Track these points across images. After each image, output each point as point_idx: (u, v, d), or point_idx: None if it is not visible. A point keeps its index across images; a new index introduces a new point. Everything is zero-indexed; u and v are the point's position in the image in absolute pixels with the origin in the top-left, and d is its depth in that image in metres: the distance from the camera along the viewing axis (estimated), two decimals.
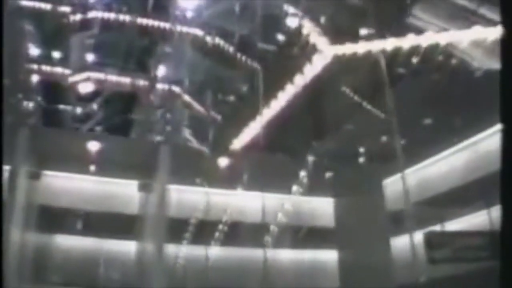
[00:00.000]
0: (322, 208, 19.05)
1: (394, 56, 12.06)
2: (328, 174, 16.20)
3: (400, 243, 15.20)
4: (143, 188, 17.11)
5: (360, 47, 12.36)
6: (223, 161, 16.54)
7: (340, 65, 12.88)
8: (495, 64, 10.51)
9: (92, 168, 16.28)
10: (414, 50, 11.77)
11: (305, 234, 17.64)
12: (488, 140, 13.15)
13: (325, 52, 12.96)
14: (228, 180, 16.76)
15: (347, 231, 15.40)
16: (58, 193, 16.47)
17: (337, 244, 16.71)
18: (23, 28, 16.10)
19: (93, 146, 15.64)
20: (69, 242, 16.55)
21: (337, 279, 18.25)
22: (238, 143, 16.80)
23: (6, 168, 13.56)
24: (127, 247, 16.88)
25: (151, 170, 16.00)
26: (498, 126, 2.93)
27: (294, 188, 16.85)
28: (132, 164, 15.78)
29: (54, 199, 16.34)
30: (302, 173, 15.94)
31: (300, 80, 13.98)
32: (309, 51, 13.43)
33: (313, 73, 13.50)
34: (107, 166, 16.04)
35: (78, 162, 15.71)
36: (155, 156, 15.67)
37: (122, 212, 16.99)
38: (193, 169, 16.13)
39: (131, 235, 16.65)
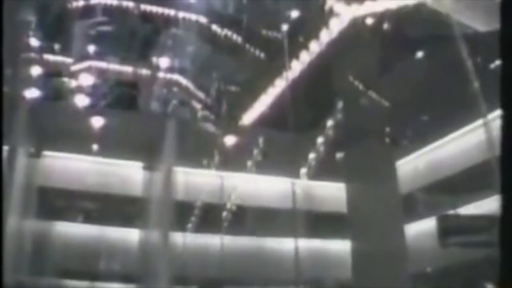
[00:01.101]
0: (332, 192, 19.31)
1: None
2: (339, 155, 16.21)
3: (414, 229, 15.54)
4: (148, 167, 17.34)
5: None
6: (230, 139, 16.73)
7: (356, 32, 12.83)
8: None
9: (95, 147, 16.43)
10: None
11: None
12: None
13: (343, 15, 13.00)
14: (236, 160, 17.00)
15: (359, 216, 15.31)
16: (59, 174, 16.77)
17: (348, 231, 16.58)
18: (23, 16, 16.19)
19: (96, 122, 15.75)
20: (69, 229, 16.88)
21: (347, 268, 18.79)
22: (247, 119, 16.89)
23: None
24: (130, 235, 17.10)
25: (156, 148, 16.12)
26: None
27: (303, 171, 17.02)
28: (137, 142, 15.94)
29: (54, 180, 16.64)
30: (312, 155, 16.04)
31: (316, 47, 14.04)
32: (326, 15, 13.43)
33: (329, 38, 13.57)
34: (111, 144, 16.18)
35: (80, 140, 15.85)
36: (161, 133, 15.74)
37: (125, 194, 17.28)
38: (200, 147, 16.21)
39: (134, 222, 16.86)
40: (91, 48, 17.93)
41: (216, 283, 17.68)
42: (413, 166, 17.29)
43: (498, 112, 3.27)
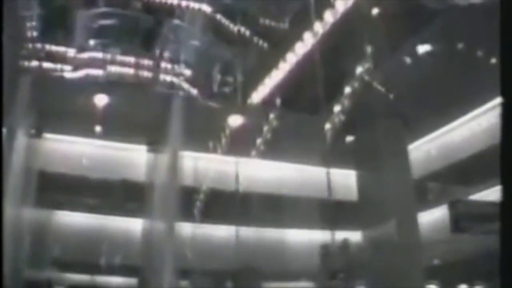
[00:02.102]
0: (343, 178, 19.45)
1: None
2: (349, 138, 16.22)
3: (428, 217, 15.49)
4: (153, 148, 17.29)
5: None
6: (237, 119, 16.76)
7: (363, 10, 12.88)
8: None
9: (98, 128, 16.36)
10: None
11: None
12: None
13: None
14: (244, 141, 16.92)
15: (371, 204, 15.33)
16: (60, 158, 16.76)
17: (359, 220, 16.65)
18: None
19: (100, 100, 15.54)
20: (70, 219, 16.89)
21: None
22: (256, 97, 16.98)
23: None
24: (133, 225, 17.04)
25: (162, 129, 15.97)
26: None
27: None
28: (142, 121, 15.73)
29: (55, 164, 16.61)
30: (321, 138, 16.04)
31: (319, 28, 14.02)
32: None
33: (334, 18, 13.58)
34: (114, 125, 16.00)
35: (83, 120, 15.65)
36: (166, 112, 15.56)
37: (128, 179, 17.26)
38: (206, 128, 16.06)
39: (138, 210, 16.77)
40: (93, 40, 17.93)
41: (223, 276, 17.90)
42: (424, 150, 17.25)
43: None
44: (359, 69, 14.19)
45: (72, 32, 17.14)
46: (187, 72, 17.75)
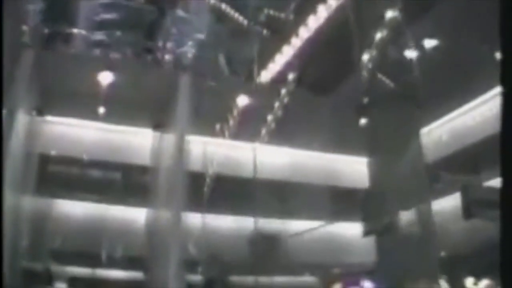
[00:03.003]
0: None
1: None
2: (361, 120, 16.19)
3: (442, 204, 15.37)
4: (158, 126, 17.27)
5: None
6: (244, 99, 16.81)
7: None
8: None
9: (102, 109, 16.43)
10: None
11: None
12: None
13: None
14: (253, 124, 17.10)
15: (383, 192, 15.24)
16: (61, 141, 16.90)
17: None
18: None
19: (105, 78, 15.47)
20: (70, 207, 17.12)
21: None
22: (265, 76, 16.99)
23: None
24: (137, 214, 17.15)
25: (169, 109, 15.96)
26: None
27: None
28: (147, 100, 15.78)
29: (57, 147, 16.86)
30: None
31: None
32: None
33: None
34: (119, 105, 16.04)
35: (86, 100, 15.66)
36: (174, 90, 15.47)
37: (132, 162, 17.40)
38: (214, 108, 16.29)
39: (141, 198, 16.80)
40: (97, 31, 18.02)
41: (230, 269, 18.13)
42: (436, 134, 17.25)
43: None
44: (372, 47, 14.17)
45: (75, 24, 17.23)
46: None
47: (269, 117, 17.04)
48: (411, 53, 14.21)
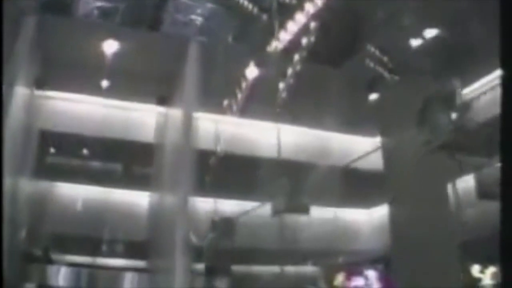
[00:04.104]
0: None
1: None
2: (372, 96, 16.17)
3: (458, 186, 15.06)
4: (163, 100, 17.31)
5: None
6: (252, 72, 16.77)
7: None
8: None
9: (105, 82, 16.34)
10: None
11: None
12: None
13: None
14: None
15: (398, 174, 15.08)
16: (63, 117, 16.84)
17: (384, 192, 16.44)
18: None
19: (109, 47, 15.30)
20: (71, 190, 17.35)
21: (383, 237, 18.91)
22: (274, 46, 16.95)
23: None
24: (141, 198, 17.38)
25: (176, 81, 15.82)
26: None
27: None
28: (153, 71, 15.74)
29: (58, 124, 16.72)
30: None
31: None
32: None
33: None
34: (123, 77, 15.93)
35: (89, 71, 15.51)
36: (181, 60, 15.19)
37: (136, 140, 17.28)
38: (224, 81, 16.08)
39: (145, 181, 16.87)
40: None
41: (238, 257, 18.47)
42: None
43: None
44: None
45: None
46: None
47: (280, 90, 17.01)
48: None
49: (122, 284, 17.75)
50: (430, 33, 14.19)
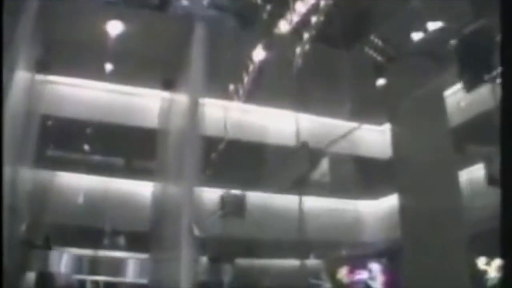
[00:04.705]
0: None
1: None
2: (380, 81, 16.08)
3: (468, 175, 15.07)
4: (168, 84, 17.18)
5: None
6: (260, 54, 16.71)
7: None
8: None
9: (109, 66, 16.27)
10: None
11: None
12: None
13: None
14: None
15: (407, 162, 14.95)
16: (65, 102, 16.90)
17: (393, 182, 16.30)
18: None
19: (113, 28, 15.22)
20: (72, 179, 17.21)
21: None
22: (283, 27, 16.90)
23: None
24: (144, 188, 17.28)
25: (181, 64, 15.72)
26: None
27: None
28: (158, 54, 15.68)
29: (60, 109, 16.78)
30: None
31: None
32: None
33: None
34: (126, 62, 15.86)
35: (92, 54, 15.50)
36: (188, 41, 15.14)
37: (140, 125, 17.33)
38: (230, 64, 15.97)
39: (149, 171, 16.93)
40: None
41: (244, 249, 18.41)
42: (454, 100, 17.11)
43: None
44: None
45: None
46: None
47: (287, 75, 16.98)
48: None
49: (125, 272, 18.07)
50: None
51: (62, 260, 17.10)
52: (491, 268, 15.01)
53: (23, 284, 15.64)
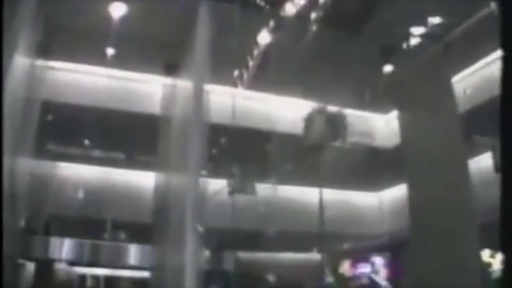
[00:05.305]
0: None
1: None
2: (387, 67, 16.05)
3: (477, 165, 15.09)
4: (171, 68, 16.86)
5: None
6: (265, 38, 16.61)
7: None
8: None
9: (111, 50, 16.49)
10: None
11: None
12: None
13: None
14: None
15: (415, 151, 14.83)
16: (66, 88, 16.98)
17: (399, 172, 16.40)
18: None
19: (116, 10, 15.23)
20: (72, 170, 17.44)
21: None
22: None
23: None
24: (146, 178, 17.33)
25: (184, 47, 15.08)
26: None
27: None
28: (161, 37, 15.65)
29: (59, 92, 16.71)
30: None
31: None
32: None
33: None
34: (129, 46, 16.03)
35: (94, 37, 15.62)
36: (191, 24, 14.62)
37: (142, 111, 17.45)
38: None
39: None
40: None
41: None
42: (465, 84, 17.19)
43: None
44: None
45: None
46: None
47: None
48: None
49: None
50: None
51: (63, 247, 17.14)
52: (496, 260, 15.01)
53: (23, 272, 15.79)
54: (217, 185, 16.82)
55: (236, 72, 17.43)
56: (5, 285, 11.29)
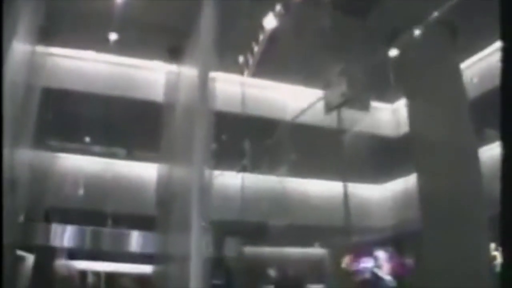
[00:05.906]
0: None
1: None
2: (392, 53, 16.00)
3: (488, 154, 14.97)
4: (175, 53, 16.64)
5: None
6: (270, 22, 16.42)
7: None
8: None
9: (114, 35, 16.50)
10: None
11: None
12: None
13: None
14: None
15: (425, 141, 14.74)
16: (66, 70, 17.05)
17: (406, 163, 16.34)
18: None
19: None
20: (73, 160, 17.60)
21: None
22: None
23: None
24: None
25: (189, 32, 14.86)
26: None
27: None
28: (165, 19, 15.63)
29: (60, 78, 16.79)
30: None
31: None
32: None
33: None
34: (132, 31, 16.03)
35: (97, 22, 15.66)
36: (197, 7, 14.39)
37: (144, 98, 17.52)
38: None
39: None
40: None
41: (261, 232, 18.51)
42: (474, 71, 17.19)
43: None
44: None
45: None
46: None
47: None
48: None
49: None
50: None
51: (65, 234, 17.21)
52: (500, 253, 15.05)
53: (23, 265, 16.02)
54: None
55: (241, 58, 17.33)
56: (5, 277, 11.04)
